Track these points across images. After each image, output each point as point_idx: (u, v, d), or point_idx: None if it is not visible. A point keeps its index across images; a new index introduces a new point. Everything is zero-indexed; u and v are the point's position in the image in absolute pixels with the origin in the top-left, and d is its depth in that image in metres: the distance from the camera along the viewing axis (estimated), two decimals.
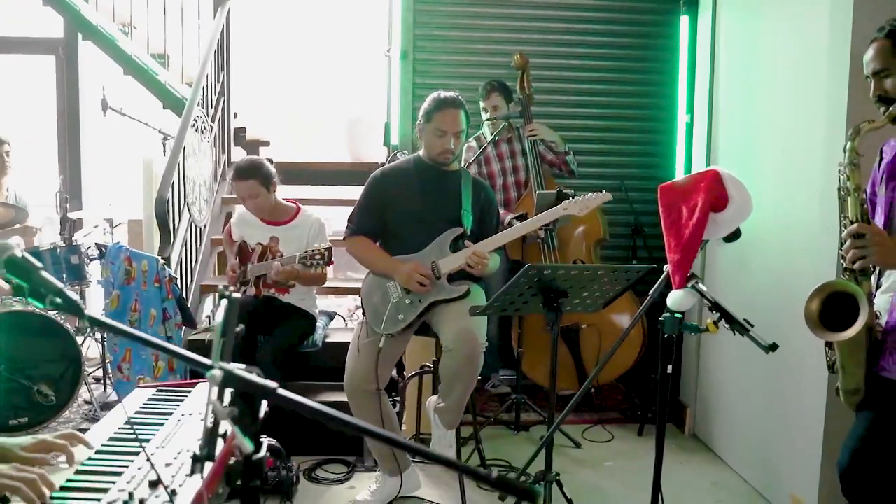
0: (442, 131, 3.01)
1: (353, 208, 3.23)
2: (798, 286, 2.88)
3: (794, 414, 3.04)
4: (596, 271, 2.49)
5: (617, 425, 4.10)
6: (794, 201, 3.08)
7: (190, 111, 3.94)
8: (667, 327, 2.19)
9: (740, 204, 2.11)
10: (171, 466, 1.50)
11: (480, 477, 1.07)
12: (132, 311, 3.10)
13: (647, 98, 4.58)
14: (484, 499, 3.20)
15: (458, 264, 2.95)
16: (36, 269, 1.38)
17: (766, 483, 3.29)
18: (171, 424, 1.78)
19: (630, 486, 3.34)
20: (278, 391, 1.15)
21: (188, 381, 2.11)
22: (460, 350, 2.81)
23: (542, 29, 4.56)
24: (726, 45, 3.82)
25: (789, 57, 3.20)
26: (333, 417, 1.11)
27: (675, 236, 2.15)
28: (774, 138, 3.31)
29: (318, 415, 1.10)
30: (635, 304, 4.06)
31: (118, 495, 1.38)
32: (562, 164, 4.19)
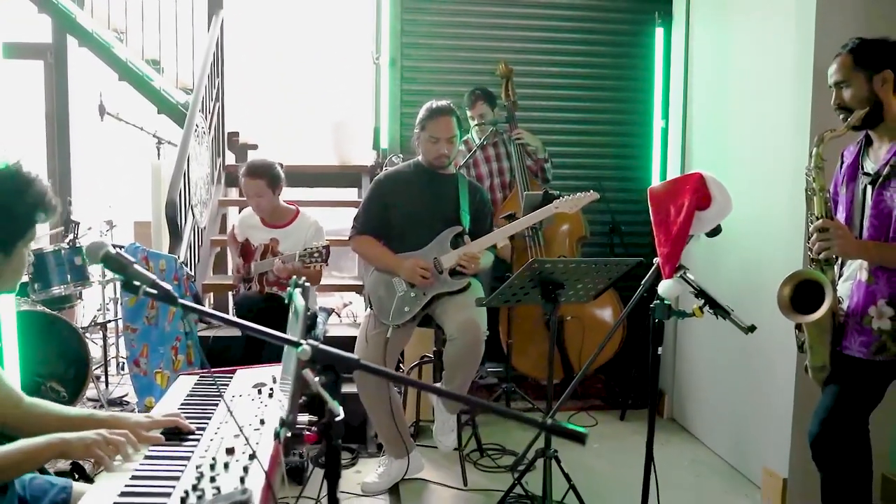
0: (435, 138, 3.24)
1: (357, 210, 3.45)
2: (767, 276, 3.20)
3: (765, 393, 3.33)
4: (591, 264, 2.74)
5: (599, 411, 4.37)
6: (763, 200, 3.37)
7: (192, 117, 4.10)
8: (657, 313, 2.45)
9: (722, 203, 2.38)
10: (240, 438, 1.70)
11: (530, 422, 1.29)
12: (149, 308, 3.27)
13: (623, 104, 4.87)
14: (483, 478, 3.43)
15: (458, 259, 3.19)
16: (130, 264, 1.57)
17: (741, 458, 3.58)
18: (223, 405, 1.98)
19: (617, 464, 3.61)
20: (361, 362, 1.37)
21: (228, 369, 2.30)
22: (464, 339, 3.04)
23: (524, 38, 4.82)
24: (699, 55, 4.11)
25: (757, 67, 3.49)
26: (424, 385, 1.33)
27: (665, 232, 2.41)
28: (744, 142, 3.60)
29: (408, 383, 1.32)
30: (615, 297, 4.34)
31: (201, 460, 1.58)
32: (539, 170, 4.45)
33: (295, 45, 6.32)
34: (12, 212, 1.59)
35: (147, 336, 3.28)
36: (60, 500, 1.79)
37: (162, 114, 5.01)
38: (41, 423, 1.80)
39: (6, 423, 1.81)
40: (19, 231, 1.61)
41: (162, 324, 3.25)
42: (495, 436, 3.87)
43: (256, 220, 3.82)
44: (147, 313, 3.27)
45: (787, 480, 3.14)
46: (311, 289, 3.90)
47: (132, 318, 3.29)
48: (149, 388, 3.31)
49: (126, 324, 3.31)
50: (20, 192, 1.59)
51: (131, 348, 3.31)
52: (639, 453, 3.72)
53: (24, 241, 1.63)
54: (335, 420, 1.38)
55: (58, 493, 1.80)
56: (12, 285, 1.71)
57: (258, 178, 3.59)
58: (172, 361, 3.21)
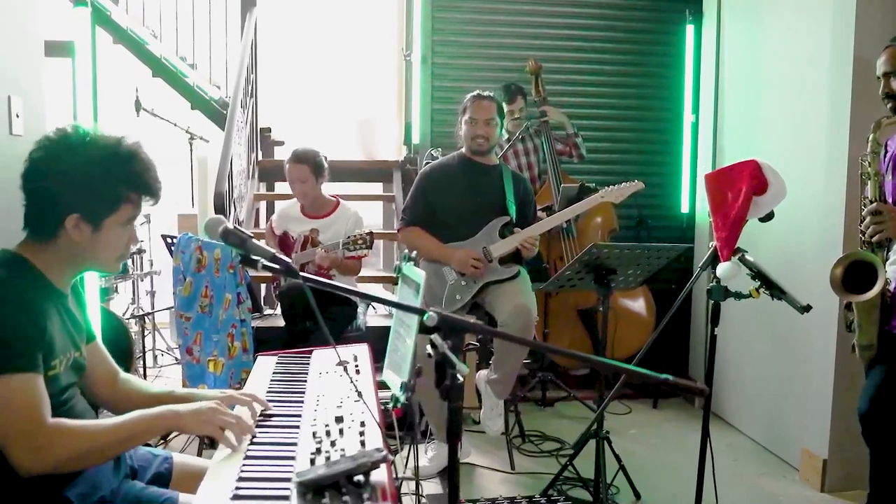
0: (473, 119, 3.36)
1: (405, 201, 3.54)
2: (803, 265, 3.30)
3: (803, 376, 3.42)
4: (644, 250, 2.84)
5: (631, 400, 4.46)
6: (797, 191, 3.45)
7: (234, 110, 4.18)
8: (714, 295, 2.54)
9: (778, 189, 2.47)
10: (343, 408, 1.78)
11: (652, 378, 1.37)
12: (203, 297, 3.33)
13: (652, 101, 4.92)
14: (529, 462, 3.52)
15: (508, 248, 3.28)
16: (249, 238, 1.64)
17: (777, 441, 3.67)
18: (313, 380, 2.05)
19: (656, 449, 3.72)
20: (484, 327, 1.45)
21: (304, 350, 2.37)
22: (516, 324, 3.11)
23: (554, 35, 4.89)
24: (731, 50, 4.21)
25: (792, 59, 3.59)
26: (546, 347, 1.41)
27: (722, 216, 2.51)
28: (777, 134, 3.70)
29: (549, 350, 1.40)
30: (646, 288, 4.43)
31: (313, 428, 1.65)
32: (572, 147, 4.50)
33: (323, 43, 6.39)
34: (99, 182, 1.55)
35: (201, 324, 3.34)
36: (164, 470, 1.86)
37: (195, 109, 5.08)
38: (130, 399, 1.85)
39: (101, 398, 1.88)
40: (105, 207, 1.57)
41: (217, 312, 3.31)
42: (535, 423, 3.96)
43: (296, 211, 3.88)
44: (201, 302, 3.34)
45: (826, 461, 3.23)
46: (352, 279, 4.00)
47: (186, 306, 3.35)
48: (201, 376, 3.37)
49: (179, 312, 3.37)
50: (106, 168, 1.56)
51: (184, 336, 3.37)
52: (675, 438, 3.87)
53: (115, 218, 1.59)
54: (457, 383, 1.46)
55: (161, 463, 1.88)
56: (111, 264, 1.68)
57: (303, 164, 3.66)
58: (228, 348, 3.27)
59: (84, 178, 1.54)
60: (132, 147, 1.64)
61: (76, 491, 1.55)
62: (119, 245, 1.65)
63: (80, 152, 1.56)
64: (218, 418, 1.57)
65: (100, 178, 1.56)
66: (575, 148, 4.51)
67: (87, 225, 1.57)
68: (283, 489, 1.36)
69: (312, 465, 1.44)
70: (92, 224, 1.57)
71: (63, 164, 1.55)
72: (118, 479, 1.69)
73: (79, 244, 1.58)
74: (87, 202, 1.55)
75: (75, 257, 1.61)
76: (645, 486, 3.18)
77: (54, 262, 1.60)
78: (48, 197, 1.55)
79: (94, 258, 1.63)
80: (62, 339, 1.60)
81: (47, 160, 1.56)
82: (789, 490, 3.30)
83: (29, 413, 1.42)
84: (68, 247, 1.59)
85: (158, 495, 1.67)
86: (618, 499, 3.08)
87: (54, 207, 1.55)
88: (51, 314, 1.55)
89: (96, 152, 1.57)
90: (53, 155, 1.56)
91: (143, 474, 1.80)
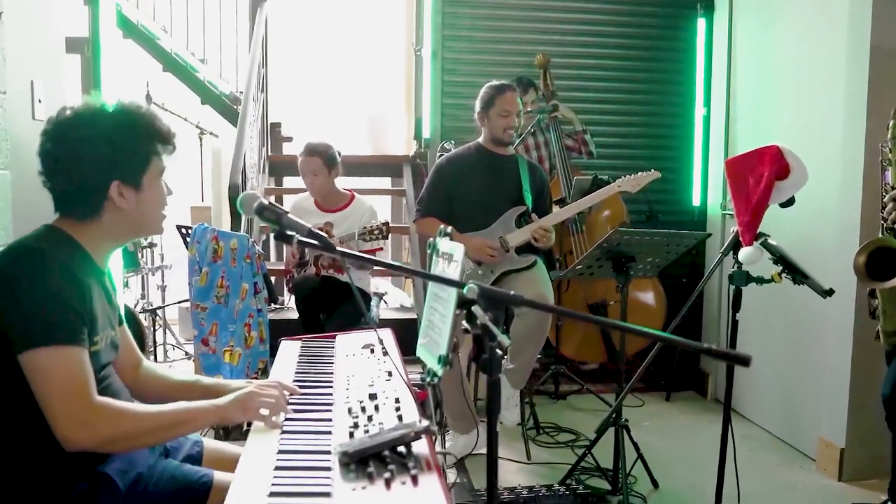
0: (507, 111, 3.34)
1: (420, 193, 3.54)
2: (819, 255, 3.30)
3: (819, 365, 3.42)
4: (664, 237, 2.84)
5: (643, 393, 4.46)
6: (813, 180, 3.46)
7: (247, 103, 4.18)
8: (735, 280, 2.55)
9: (800, 173, 2.48)
10: (374, 386, 1.78)
11: (692, 347, 1.36)
12: (219, 287, 3.33)
13: (663, 95, 4.93)
14: (545, 453, 3.52)
15: (524, 238, 3.28)
16: (284, 213, 1.65)
17: (793, 432, 3.67)
18: (341, 362, 2.05)
19: (672, 439, 3.72)
20: (524, 299, 1.45)
21: (328, 334, 2.37)
22: (533, 313, 3.12)
23: (564, 30, 4.90)
24: (743, 42, 4.22)
25: (807, 50, 3.59)
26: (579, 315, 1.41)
27: (744, 201, 2.51)
28: (791, 124, 3.70)
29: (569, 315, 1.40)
30: (657, 282, 4.44)
31: (347, 405, 1.65)
32: (581, 144, 4.51)
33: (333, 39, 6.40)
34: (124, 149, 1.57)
35: (217, 314, 3.34)
36: (195, 453, 1.86)
37: (206, 104, 5.09)
38: (154, 387, 1.86)
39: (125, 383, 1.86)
40: (139, 165, 1.59)
41: (233, 302, 3.31)
42: (548, 416, 3.96)
43: (310, 204, 3.88)
44: (217, 292, 3.34)
45: (843, 450, 3.24)
46: (366, 272, 4.00)
47: (202, 296, 3.35)
48: (217, 366, 3.37)
49: (195, 302, 3.37)
50: (130, 125, 1.59)
51: (200, 327, 3.37)
52: (689, 430, 3.87)
53: (150, 174, 1.61)
54: (497, 355, 1.46)
55: (192, 446, 1.88)
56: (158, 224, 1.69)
57: (315, 156, 3.66)
58: (245, 338, 3.27)
59: (114, 145, 1.55)
60: (135, 104, 1.65)
61: (114, 467, 1.55)
62: (162, 198, 1.67)
63: (98, 123, 1.56)
64: (258, 401, 1.59)
65: (126, 140, 1.58)
66: (584, 145, 4.51)
67: (129, 188, 1.58)
68: (324, 461, 1.37)
69: (351, 438, 1.45)
70: (133, 185, 1.58)
71: (90, 140, 1.54)
72: (154, 456, 1.69)
73: (126, 211, 1.59)
74: (123, 165, 1.57)
75: (121, 227, 1.62)
76: (662, 475, 3.17)
77: (97, 238, 1.60)
78: (87, 175, 1.55)
79: (143, 221, 1.64)
80: (103, 316, 1.61)
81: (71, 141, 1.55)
82: (806, 479, 3.30)
83: (77, 387, 1.42)
84: (114, 219, 1.59)
85: (194, 472, 1.67)
86: (636, 488, 3.08)
87: (97, 183, 1.55)
88: (93, 290, 1.55)
89: (112, 118, 1.58)
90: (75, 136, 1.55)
91: (175, 455, 1.80)
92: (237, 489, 1.25)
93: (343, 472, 1.30)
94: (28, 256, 1.48)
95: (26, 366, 1.41)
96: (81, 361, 1.44)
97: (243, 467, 1.35)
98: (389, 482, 1.25)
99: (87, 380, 1.44)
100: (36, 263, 1.46)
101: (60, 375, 1.41)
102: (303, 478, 1.30)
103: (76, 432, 1.40)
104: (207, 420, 1.59)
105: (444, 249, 1.65)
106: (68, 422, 1.40)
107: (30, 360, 1.41)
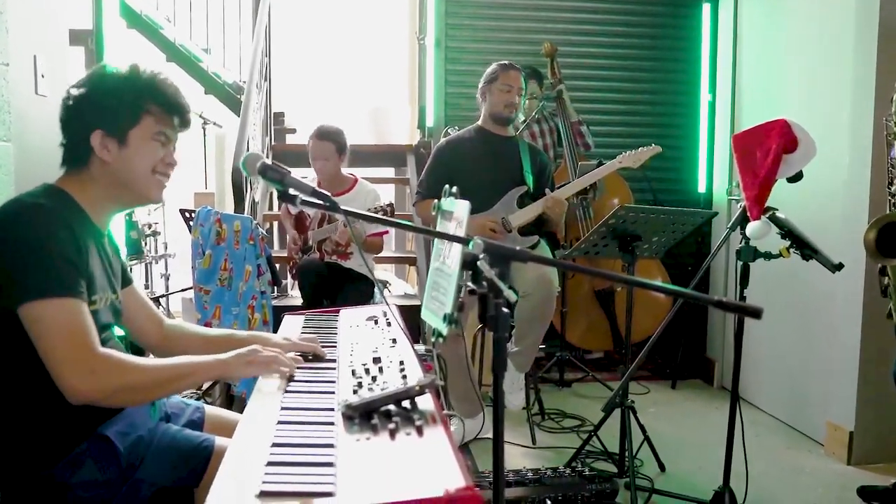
0: (508, 86, 3.35)
1: (420, 176, 3.52)
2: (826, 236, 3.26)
3: (826, 346, 3.39)
4: (670, 214, 2.81)
5: (647, 381, 4.43)
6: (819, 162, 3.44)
7: (250, 91, 4.17)
8: (743, 256, 2.51)
9: (808, 146, 2.44)
10: (378, 352, 1.75)
11: (703, 300, 1.33)
12: (222, 270, 3.31)
13: (667, 83, 4.89)
14: (549, 437, 3.49)
15: (527, 217, 3.26)
16: (288, 173, 1.62)
17: (800, 416, 3.64)
18: (344, 332, 2.03)
19: (678, 425, 3.70)
20: (532, 253, 1.43)
21: (332, 309, 2.35)
22: (537, 294, 3.09)
23: (567, 18, 4.87)
24: (749, 27, 4.20)
25: (815, 31, 3.56)
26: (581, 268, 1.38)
27: (752, 175, 2.48)
28: (798, 106, 3.67)
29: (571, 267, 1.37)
30: (662, 269, 4.41)
31: (351, 367, 1.63)
32: (576, 135, 4.48)
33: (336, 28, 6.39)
34: (117, 94, 1.56)
35: (220, 297, 3.32)
36: (196, 419, 1.84)
37: (209, 94, 5.07)
38: (183, 343, 1.85)
39: (150, 343, 1.86)
40: (126, 118, 1.56)
41: (236, 285, 3.29)
42: (553, 402, 3.94)
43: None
44: (220, 275, 3.32)
45: (852, 433, 3.20)
46: (370, 258, 3.98)
47: (205, 279, 3.33)
48: None
49: (199, 286, 3.35)
50: (127, 79, 1.58)
51: (203, 310, 3.35)
52: (695, 417, 3.84)
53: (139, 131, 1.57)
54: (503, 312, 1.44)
55: (193, 412, 1.86)
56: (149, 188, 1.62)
57: (328, 142, 3.63)
58: (249, 320, 3.25)
59: (103, 93, 1.57)
60: (156, 70, 1.64)
61: (114, 429, 1.53)
62: (151, 159, 1.60)
63: (103, 74, 1.60)
64: (261, 357, 1.58)
65: (117, 91, 1.57)
66: (580, 136, 4.49)
67: (112, 139, 1.56)
68: (327, 416, 1.34)
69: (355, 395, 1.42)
70: (116, 137, 1.56)
71: (87, 87, 1.58)
72: (155, 420, 1.67)
73: (110, 165, 1.56)
74: (107, 115, 1.55)
75: (111, 184, 1.59)
76: (669, 458, 3.15)
77: (94, 196, 1.59)
78: (73, 119, 1.57)
79: (130, 179, 1.59)
80: (102, 277, 1.59)
81: (77, 88, 1.59)
82: (815, 463, 3.26)
83: (79, 337, 1.40)
84: (101, 173, 1.58)
85: (196, 437, 1.65)
86: (642, 471, 3.05)
87: (79, 127, 1.55)
88: (91, 249, 1.54)
89: (118, 73, 1.60)
90: (82, 83, 1.59)
91: (176, 421, 1.78)
92: (239, 439, 1.23)
93: (347, 425, 1.28)
94: (25, 211, 1.47)
95: (26, 318, 1.39)
96: (82, 312, 1.42)
97: (245, 422, 1.32)
98: (394, 433, 1.23)
99: (88, 329, 1.42)
100: (33, 217, 1.45)
101: (62, 325, 1.39)
102: (305, 432, 1.27)
103: (81, 381, 1.38)
104: (210, 373, 1.59)
105: (448, 209, 1.63)
106: (73, 371, 1.37)
107: (29, 312, 1.39)
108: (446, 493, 1.00)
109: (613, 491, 2.70)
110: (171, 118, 1.63)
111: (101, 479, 1.48)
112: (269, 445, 1.19)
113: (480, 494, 1.01)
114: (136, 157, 1.58)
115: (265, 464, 1.11)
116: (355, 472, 1.09)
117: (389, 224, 1.71)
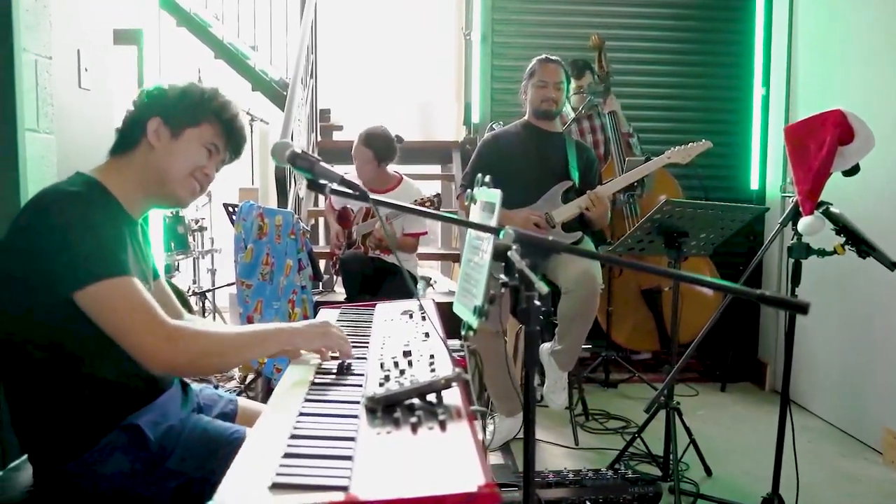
0: (543, 82, 3.30)
1: (465, 169, 3.48)
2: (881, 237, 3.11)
3: (883, 351, 3.24)
4: (718, 210, 2.71)
5: (696, 383, 4.31)
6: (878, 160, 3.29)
7: (294, 86, 4.18)
8: (794, 252, 2.40)
9: (865, 137, 2.32)
10: (410, 346, 1.72)
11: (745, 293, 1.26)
12: (264, 265, 3.33)
13: (720, 75, 4.74)
14: (593, 439, 3.41)
15: (571, 213, 3.19)
16: (317, 161, 1.60)
17: (855, 423, 3.49)
18: (378, 326, 2.01)
19: (727, 428, 3.58)
20: (564, 243, 1.38)
21: (367, 303, 2.33)
22: (580, 291, 3.02)
23: (615, 13, 4.77)
24: (805, 17, 4.04)
25: (875, 18, 3.40)
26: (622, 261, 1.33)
27: (804, 169, 2.37)
28: (860, 99, 3.50)
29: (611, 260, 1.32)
30: (711, 267, 4.28)
31: (380, 360, 1.60)
32: (626, 147, 4.39)
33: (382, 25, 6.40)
34: (190, 95, 1.62)
35: (262, 291, 3.34)
36: (229, 411, 1.84)
37: (256, 91, 5.12)
38: None
39: None
40: (187, 116, 1.60)
41: (277, 279, 3.30)
42: (598, 403, 3.86)
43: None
44: (262, 269, 3.33)
45: None
46: (413, 254, 3.96)
47: (247, 273, 3.35)
48: None
49: (241, 280, 3.38)
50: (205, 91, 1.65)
51: (245, 304, 3.37)
52: (745, 421, 3.71)
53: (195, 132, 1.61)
54: (535, 305, 1.39)
55: (226, 403, 1.86)
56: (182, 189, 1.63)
57: (368, 148, 3.63)
58: (289, 314, 3.26)
59: (179, 91, 1.63)
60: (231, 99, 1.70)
61: (146, 418, 1.53)
62: (195, 161, 1.63)
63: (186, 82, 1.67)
64: (333, 330, 1.61)
65: (192, 94, 1.63)
66: (628, 148, 4.40)
67: (167, 129, 1.59)
68: (351, 409, 1.32)
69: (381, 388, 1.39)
70: (171, 128, 1.59)
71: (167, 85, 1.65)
72: (186, 411, 1.67)
73: (154, 152, 1.59)
74: (172, 107, 1.60)
75: (147, 174, 1.60)
76: (716, 463, 3.04)
77: (126, 184, 1.59)
78: (140, 105, 1.62)
79: (168, 172, 1.60)
80: (135, 267, 1.59)
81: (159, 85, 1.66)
82: (871, 471, 3.12)
83: (148, 309, 1.42)
84: (143, 161, 1.59)
85: (227, 428, 1.64)
86: (687, 475, 2.95)
87: (142, 112, 1.60)
88: (126, 237, 1.54)
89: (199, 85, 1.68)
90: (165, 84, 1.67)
91: (208, 412, 1.78)
92: (259, 429, 1.21)
93: (369, 418, 1.25)
94: (65, 198, 1.47)
95: (87, 303, 1.39)
96: (140, 288, 1.44)
97: (268, 412, 1.30)
98: (416, 427, 1.19)
99: (153, 302, 1.43)
100: (74, 203, 1.46)
101: (128, 301, 1.40)
102: (327, 424, 1.25)
103: (162, 349, 1.39)
104: (280, 341, 1.58)
105: (481, 198, 1.59)
106: (153, 339, 1.39)
107: (90, 295, 1.38)
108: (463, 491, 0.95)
109: (657, 494, 2.62)
110: (228, 140, 1.68)
111: (128, 469, 1.48)
112: (288, 437, 1.17)
113: (499, 493, 0.96)
114: (182, 153, 1.61)
115: (281, 455, 1.09)
116: (373, 466, 1.06)
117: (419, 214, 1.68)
